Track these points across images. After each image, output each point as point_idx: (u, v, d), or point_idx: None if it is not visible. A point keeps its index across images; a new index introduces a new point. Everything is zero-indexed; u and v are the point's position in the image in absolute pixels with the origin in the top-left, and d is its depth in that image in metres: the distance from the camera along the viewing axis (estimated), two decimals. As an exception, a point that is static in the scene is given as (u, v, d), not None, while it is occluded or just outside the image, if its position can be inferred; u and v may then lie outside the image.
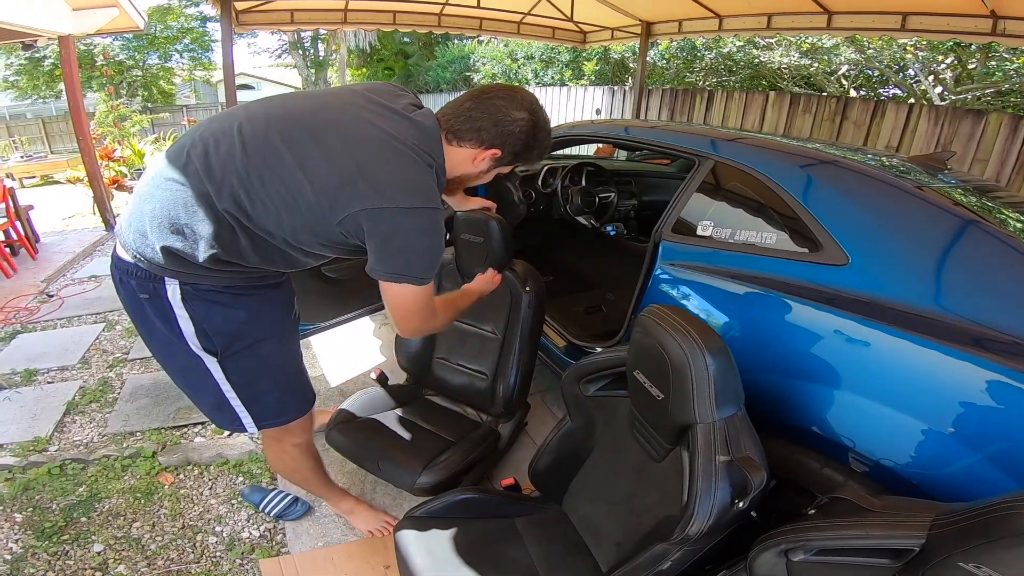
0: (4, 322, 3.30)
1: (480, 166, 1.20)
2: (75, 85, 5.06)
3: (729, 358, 1.00)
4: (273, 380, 1.31)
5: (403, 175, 1.05)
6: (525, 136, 1.15)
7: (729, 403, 1.00)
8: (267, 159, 1.04)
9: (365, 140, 1.05)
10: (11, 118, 15.52)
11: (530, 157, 1.22)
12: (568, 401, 1.40)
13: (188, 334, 1.17)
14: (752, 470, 0.94)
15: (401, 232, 1.05)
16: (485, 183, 1.32)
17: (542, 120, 1.18)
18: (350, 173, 1.02)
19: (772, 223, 1.40)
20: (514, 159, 1.20)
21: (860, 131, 4.44)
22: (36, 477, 1.96)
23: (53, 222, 5.91)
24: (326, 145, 1.04)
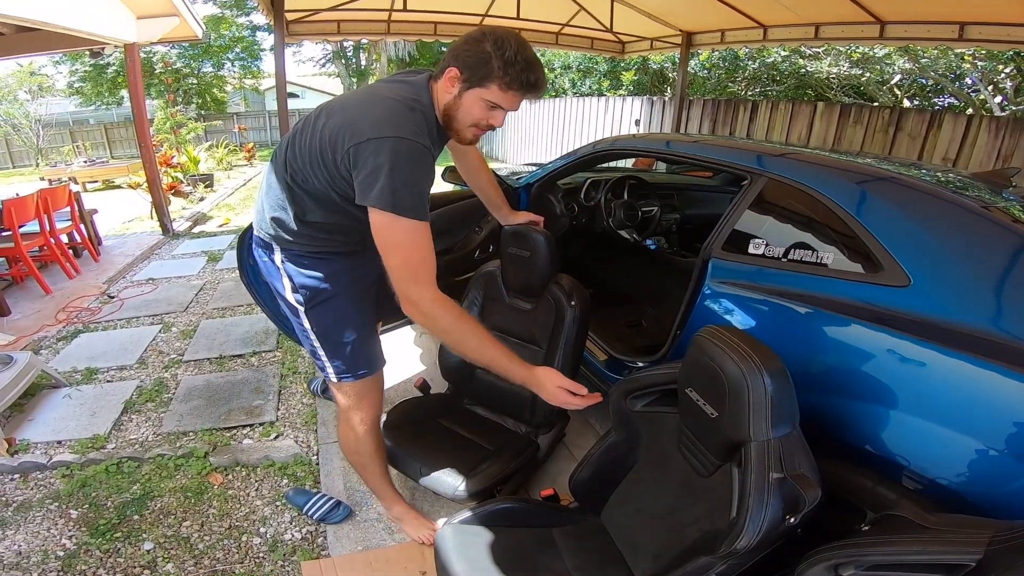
0: (67, 321, 3.50)
1: (452, 90, 1.27)
2: (139, 93, 5.33)
3: (787, 378, 1.00)
4: (346, 333, 1.50)
5: (379, 115, 1.21)
6: (476, 50, 1.21)
7: (785, 422, 1.00)
8: (304, 133, 1.32)
9: (358, 100, 1.28)
10: (75, 124, 16.49)
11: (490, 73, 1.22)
12: (614, 415, 1.41)
13: (287, 288, 1.47)
14: (806, 487, 0.93)
15: (376, 156, 1.18)
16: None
17: (503, 37, 1.22)
18: (344, 122, 1.24)
19: (828, 242, 1.36)
20: (472, 75, 1.23)
21: (915, 143, 4.26)
22: (93, 474, 2.06)
23: (114, 225, 6.25)
24: (333, 110, 1.29)
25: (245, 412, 2.45)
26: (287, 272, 1.45)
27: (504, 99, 1.25)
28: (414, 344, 3.09)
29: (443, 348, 2.05)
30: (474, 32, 1.25)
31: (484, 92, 1.25)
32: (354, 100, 1.30)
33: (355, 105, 1.27)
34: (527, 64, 1.22)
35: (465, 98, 1.27)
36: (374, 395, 1.62)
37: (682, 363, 1.16)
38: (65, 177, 9.38)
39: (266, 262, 1.51)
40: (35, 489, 2.03)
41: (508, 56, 1.20)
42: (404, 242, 1.22)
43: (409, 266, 1.24)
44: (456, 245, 2.54)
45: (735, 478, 1.04)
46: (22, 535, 1.82)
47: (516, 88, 1.24)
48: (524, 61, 1.22)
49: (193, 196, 7.95)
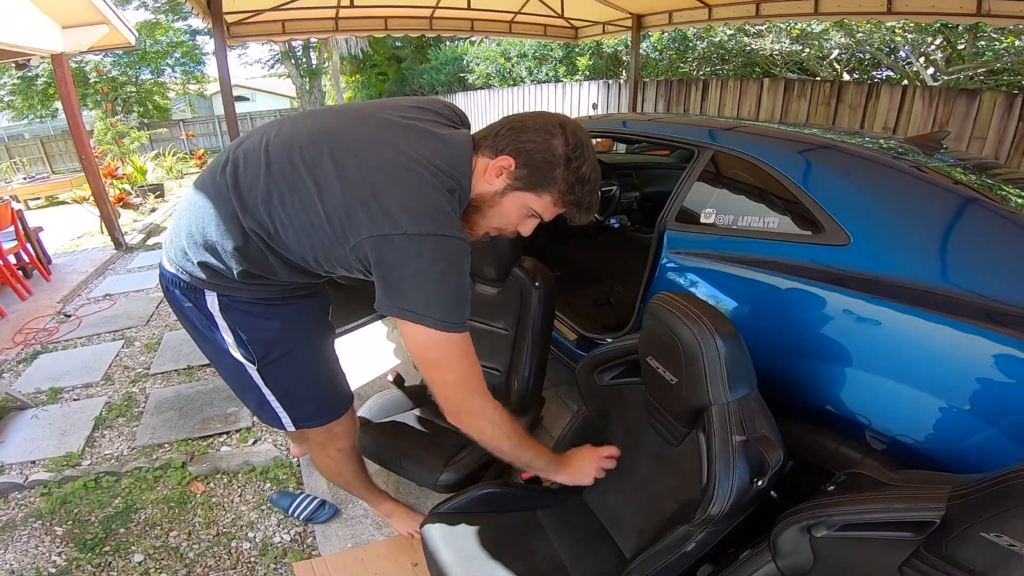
0: (24, 343, 3.36)
1: (495, 183, 1.04)
2: (73, 104, 5.09)
3: (739, 340, 1.02)
4: (309, 386, 1.35)
5: (412, 198, 0.94)
6: (546, 148, 1.00)
7: (742, 384, 1.02)
8: (288, 179, 1.01)
9: (380, 161, 0.97)
10: (9, 139, 15.56)
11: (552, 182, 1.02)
12: (584, 392, 1.43)
13: (228, 343, 1.22)
14: (769, 449, 0.95)
15: (408, 260, 0.94)
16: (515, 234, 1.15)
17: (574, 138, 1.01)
18: (360, 196, 0.95)
19: (773, 208, 1.44)
20: (530, 178, 1.02)
21: (856, 114, 4.47)
22: (72, 491, 2.02)
23: (63, 242, 5.98)
24: (341, 166, 0.98)
25: (220, 420, 2.42)
26: (228, 324, 1.18)
27: (549, 212, 1.07)
28: (387, 339, 3.10)
29: None
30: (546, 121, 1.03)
31: (534, 199, 1.05)
32: (372, 155, 0.98)
33: (375, 167, 0.97)
34: (594, 184, 1.05)
35: (509, 199, 1.06)
36: (350, 424, 1.51)
37: (640, 332, 1.18)
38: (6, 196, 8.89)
39: (190, 307, 1.20)
40: (16, 509, 1.98)
41: (581, 173, 1.02)
42: (458, 359, 1.03)
43: (468, 383, 1.07)
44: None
45: (702, 444, 1.05)
46: (12, 554, 1.79)
47: (571, 208, 1.06)
48: (593, 180, 1.04)
49: (144, 207, 7.68)
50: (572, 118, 1.10)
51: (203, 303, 1.18)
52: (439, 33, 6.03)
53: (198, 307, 1.19)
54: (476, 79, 11.70)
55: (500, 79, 11.10)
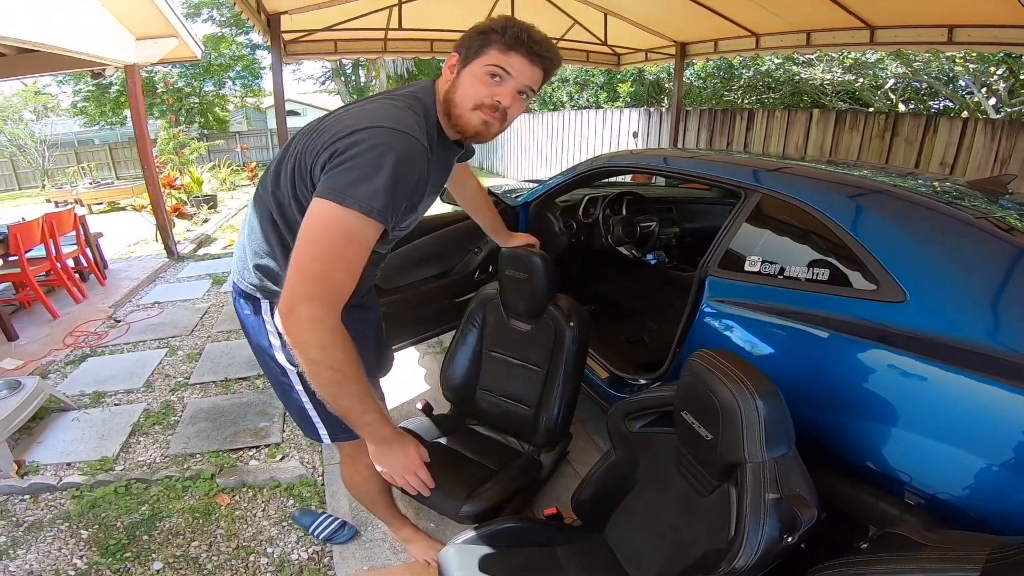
0: (74, 346, 3.53)
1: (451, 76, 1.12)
2: (141, 114, 5.40)
3: (780, 401, 1.01)
4: None
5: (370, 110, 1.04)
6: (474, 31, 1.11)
7: (780, 444, 1.02)
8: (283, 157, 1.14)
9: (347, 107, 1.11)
10: (79, 144, 16.59)
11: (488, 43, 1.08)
12: (613, 436, 1.42)
13: (276, 347, 1.28)
14: (802, 507, 0.94)
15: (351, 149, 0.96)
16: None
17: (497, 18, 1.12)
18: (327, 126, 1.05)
19: (823, 259, 1.38)
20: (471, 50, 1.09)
21: (912, 148, 4.30)
22: (103, 495, 2.09)
23: (120, 248, 6.31)
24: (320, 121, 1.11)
25: (251, 434, 2.47)
26: (277, 328, 1.22)
27: (507, 62, 1.06)
28: (417, 364, 3.11)
29: (444, 371, 2.06)
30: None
31: (483, 60, 1.08)
32: (344, 108, 1.14)
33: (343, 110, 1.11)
34: (528, 27, 1.08)
35: (463, 77, 1.10)
36: None
37: (677, 386, 1.17)
38: (71, 200, 9.50)
39: (248, 315, 1.29)
40: (45, 510, 2.05)
41: (507, 23, 1.08)
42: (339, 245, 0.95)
43: (328, 281, 0.96)
44: (455, 267, 2.57)
45: (733, 498, 1.06)
46: (33, 555, 1.84)
47: (519, 50, 1.06)
48: (525, 25, 1.08)
49: (197, 218, 8.00)
50: None
51: (259, 310, 1.27)
52: (482, 57, 6.14)
53: (254, 313, 1.28)
54: (517, 101, 11.85)
55: (540, 103, 11.23)
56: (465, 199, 1.85)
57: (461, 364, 2.04)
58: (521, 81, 1.09)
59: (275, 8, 4.16)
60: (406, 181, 1.00)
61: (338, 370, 0.98)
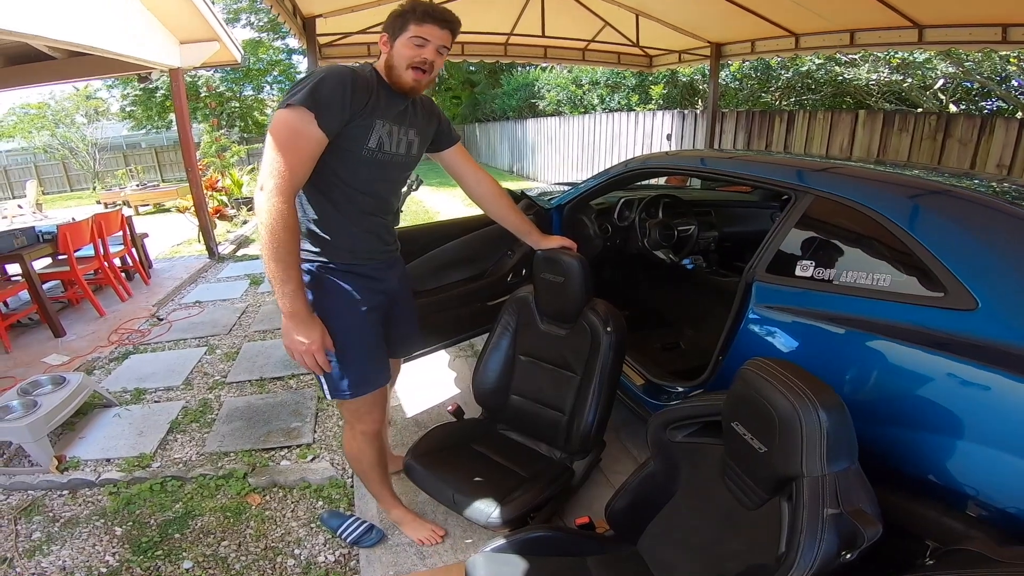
0: (119, 343, 3.65)
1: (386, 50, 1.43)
2: (184, 117, 5.59)
3: (844, 413, 0.95)
4: (340, 354, 1.48)
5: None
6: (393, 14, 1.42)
7: (843, 457, 0.96)
8: None
9: None
10: (128, 147, 17.33)
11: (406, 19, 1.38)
12: (653, 445, 1.37)
13: None
14: (865, 523, 0.90)
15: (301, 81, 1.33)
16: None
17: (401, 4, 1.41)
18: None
19: (884, 264, 1.29)
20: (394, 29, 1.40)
21: (967, 150, 4.07)
22: (139, 492, 2.12)
23: (163, 249, 6.53)
24: None
25: (284, 434, 2.49)
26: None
27: (423, 31, 1.39)
28: (448, 367, 3.09)
29: (476, 375, 2.03)
30: None
31: (405, 35, 1.39)
32: None
33: None
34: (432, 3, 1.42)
35: (396, 47, 1.41)
36: (374, 411, 1.65)
37: (727, 395, 1.11)
38: (120, 201, 9.92)
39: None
40: (83, 506, 2.10)
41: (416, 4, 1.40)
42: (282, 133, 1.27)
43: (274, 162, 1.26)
44: (489, 269, 2.54)
45: (784, 512, 1.01)
46: (67, 551, 1.88)
47: (428, 20, 1.38)
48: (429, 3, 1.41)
49: (237, 219, 8.23)
50: None
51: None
52: (513, 59, 6.16)
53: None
54: (547, 105, 11.82)
55: (571, 106, 11.16)
56: (483, 202, 1.85)
57: (493, 368, 2.01)
58: (437, 42, 1.42)
59: (310, 11, 4.25)
60: (330, 85, 1.30)
61: (275, 237, 1.27)
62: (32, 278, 3.61)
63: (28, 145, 15.31)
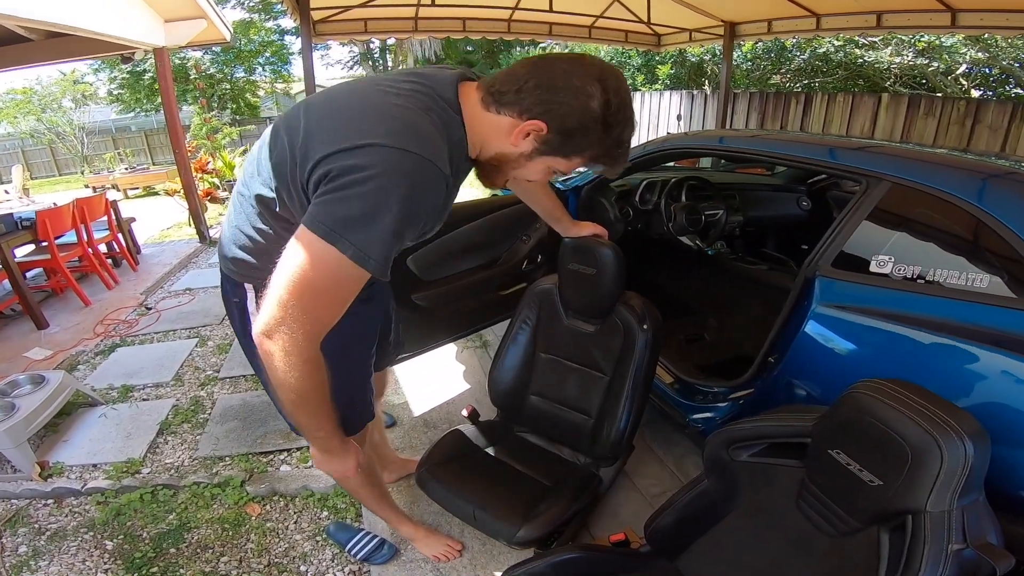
0: (105, 335, 3.45)
1: (521, 145, 0.92)
2: (171, 98, 5.33)
3: (988, 444, 0.83)
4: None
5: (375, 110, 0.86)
6: (582, 111, 0.86)
7: (974, 490, 0.85)
8: (271, 144, 0.99)
9: (342, 105, 0.91)
10: (117, 130, 16.94)
11: (593, 148, 0.91)
12: (711, 464, 1.23)
13: None
14: (998, 557, 0.81)
15: (353, 172, 0.80)
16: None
17: (617, 95, 0.87)
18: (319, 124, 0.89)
19: (981, 263, 1.13)
20: (566, 146, 0.91)
21: (996, 136, 3.91)
22: (128, 502, 1.96)
23: (152, 233, 6.29)
24: (308, 117, 0.93)
25: (282, 435, 2.32)
26: None
27: (573, 167, 0.99)
28: (455, 360, 2.91)
29: (493, 371, 1.87)
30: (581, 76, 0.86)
31: (561, 162, 0.96)
32: (337, 101, 0.93)
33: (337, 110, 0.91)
34: (629, 142, 0.95)
35: (537, 163, 0.96)
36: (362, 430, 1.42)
37: (823, 418, 0.97)
38: (108, 185, 9.65)
39: (235, 301, 1.18)
40: (69, 516, 1.94)
41: (619, 136, 0.91)
42: (329, 292, 0.86)
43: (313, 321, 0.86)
44: (500, 257, 2.35)
45: (885, 544, 0.91)
46: (56, 567, 1.73)
47: (605, 164, 0.97)
48: (628, 139, 0.94)
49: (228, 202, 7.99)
50: (612, 68, 0.90)
51: (243, 297, 1.15)
52: (517, 36, 5.92)
53: (241, 300, 1.16)
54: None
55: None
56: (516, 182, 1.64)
57: (511, 367, 1.84)
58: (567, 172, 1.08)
59: (304, -18, 4.00)
60: (416, 220, 0.86)
61: (302, 395, 0.94)
62: (11, 267, 3.39)
63: (14, 131, 14.89)
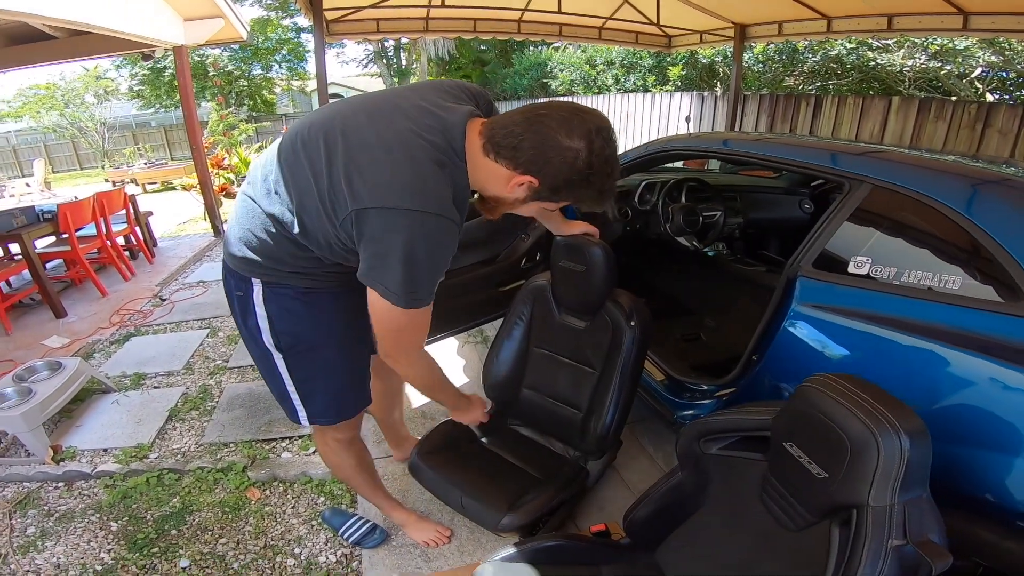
0: (120, 324, 3.57)
1: (516, 192, 1.05)
2: (189, 94, 5.47)
3: (928, 440, 0.84)
4: (327, 383, 1.38)
5: (397, 174, 0.97)
6: (569, 170, 0.98)
7: (916, 486, 0.87)
8: (290, 166, 1.09)
9: (365, 142, 1.02)
10: (137, 126, 17.30)
11: (578, 197, 1.06)
12: (683, 456, 1.27)
13: (264, 330, 1.27)
14: (936, 556, 0.83)
15: (388, 232, 0.97)
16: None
17: (600, 155, 0.98)
18: (345, 175, 1.00)
19: (954, 264, 1.15)
20: (555, 196, 1.05)
21: (1006, 140, 3.85)
22: (135, 485, 2.05)
23: (169, 227, 6.46)
24: (331, 148, 1.03)
25: (285, 424, 2.39)
26: (267, 314, 1.24)
27: (562, 205, 1.17)
28: (457, 355, 2.98)
29: (487, 365, 1.92)
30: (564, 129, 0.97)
31: (552, 204, 1.12)
32: (370, 132, 1.02)
33: (371, 147, 1.00)
34: (612, 186, 1.06)
35: (530, 205, 1.12)
36: (350, 420, 1.50)
37: (780, 412, 1.00)
38: (127, 179, 9.88)
39: (239, 295, 1.27)
40: (78, 499, 2.03)
41: (598, 185, 1.02)
42: (401, 327, 1.11)
43: (411, 347, 1.19)
44: (500, 254, 2.41)
45: (835, 539, 0.92)
46: (62, 547, 1.82)
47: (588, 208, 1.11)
48: (612, 185, 1.05)
49: (243, 197, 8.14)
50: (601, 123, 1.01)
51: (249, 292, 1.24)
52: (527, 37, 5.95)
53: (245, 295, 1.25)
54: (559, 86, 11.54)
55: (584, 87, 10.87)
56: None
57: (505, 360, 1.89)
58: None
59: (317, -17, 4.07)
60: (447, 255, 1.05)
61: (429, 385, 1.37)
62: (32, 258, 3.53)
63: (37, 125, 15.26)
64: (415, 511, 1.82)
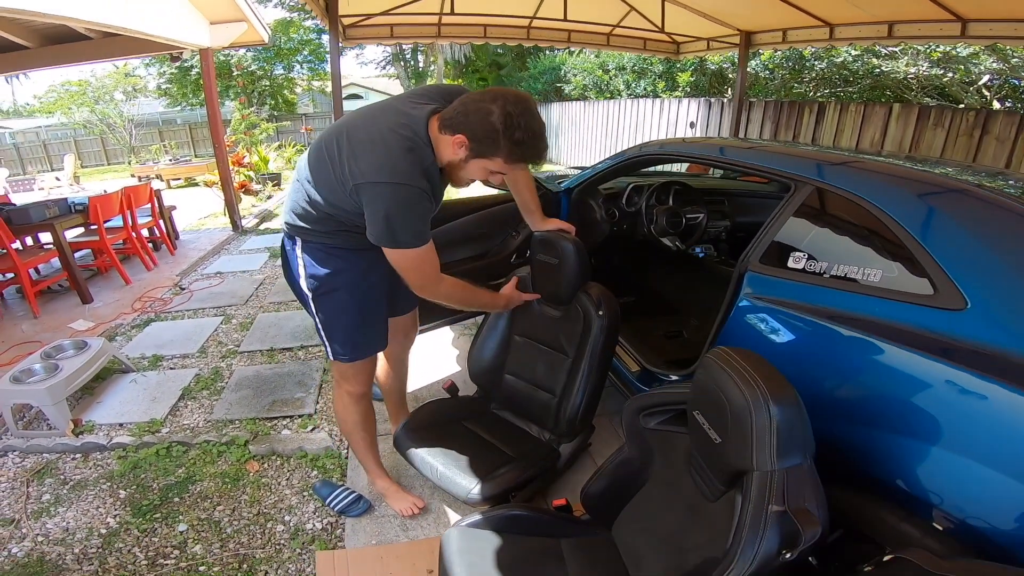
0: (142, 310, 3.80)
1: (458, 153, 1.37)
2: (213, 95, 5.73)
3: (799, 409, 0.93)
4: (342, 323, 1.67)
5: (377, 156, 1.35)
6: (486, 124, 1.30)
7: (794, 454, 0.94)
8: (319, 159, 1.47)
9: (361, 138, 1.39)
10: (163, 123, 17.78)
11: (497, 149, 1.33)
12: (627, 430, 1.37)
13: (301, 276, 1.63)
14: (806, 523, 0.89)
15: (375, 201, 1.35)
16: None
17: (512, 112, 1.29)
18: (349, 157, 1.38)
19: (877, 259, 1.25)
20: (480, 148, 1.34)
21: (1004, 148, 3.88)
22: (145, 456, 2.21)
23: (191, 221, 6.73)
24: (340, 146, 1.41)
25: (287, 404, 2.56)
26: (303, 262, 1.61)
27: (507, 169, 1.41)
28: (451, 345, 3.12)
29: (472, 351, 2.06)
30: (484, 98, 1.33)
31: (489, 163, 1.39)
32: (362, 131, 1.41)
33: (361, 142, 1.40)
34: (532, 140, 1.33)
35: (471, 165, 1.40)
36: (366, 372, 1.78)
37: (691, 384, 1.11)
38: (153, 175, 10.25)
39: (289, 250, 1.68)
40: (92, 469, 2.18)
41: (516, 137, 1.31)
42: (412, 265, 1.47)
43: (429, 276, 1.52)
44: (492, 249, 2.55)
45: (737, 506, 1.00)
46: (72, 513, 1.95)
47: (519, 162, 1.39)
48: (531, 139, 1.33)
49: (262, 194, 8.42)
50: (513, 92, 1.36)
51: (293, 247, 1.63)
52: (536, 43, 6.06)
53: (292, 248, 1.64)
54: (572, 90, 11.65)
55: (596, 91, 10.97)
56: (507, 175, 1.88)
57: (489, 348, 2.03)
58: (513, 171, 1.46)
59: (332, -7, 4.26)
60: (422, 211, 1.40)
61: (464, 300, 1.74)
62: (63, 247, 3.77)
63: (68, 121, 15.81)
64: (397, 482, 1.96)
